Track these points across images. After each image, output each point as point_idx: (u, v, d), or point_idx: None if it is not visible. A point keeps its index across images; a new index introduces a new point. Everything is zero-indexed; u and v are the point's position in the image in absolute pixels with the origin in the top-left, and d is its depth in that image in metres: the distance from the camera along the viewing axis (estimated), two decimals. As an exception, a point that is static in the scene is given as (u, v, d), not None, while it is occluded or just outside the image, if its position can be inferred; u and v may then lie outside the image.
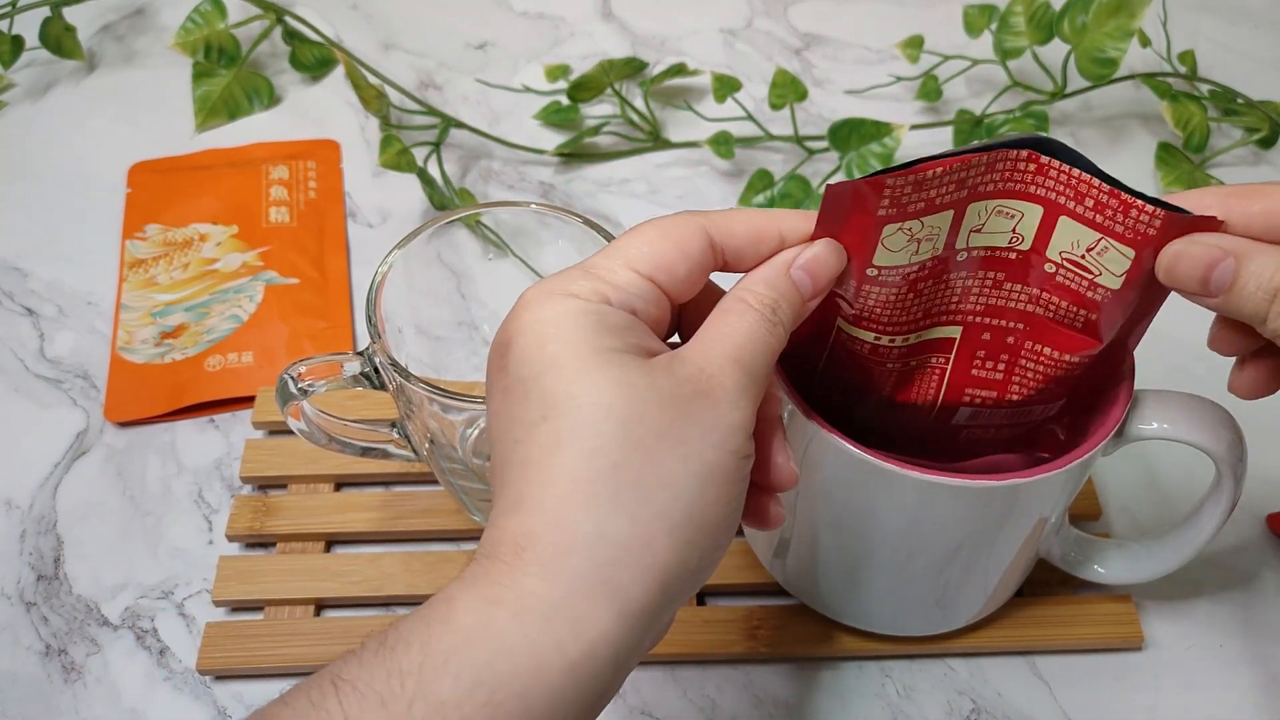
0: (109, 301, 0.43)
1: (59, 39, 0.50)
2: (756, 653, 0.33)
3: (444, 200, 0.45)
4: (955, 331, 0.26)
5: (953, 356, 0.26)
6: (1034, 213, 0.23)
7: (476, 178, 0.48)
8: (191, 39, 0.49)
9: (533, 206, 0.32)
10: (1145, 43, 0.48)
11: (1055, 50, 0.47)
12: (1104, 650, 0.33)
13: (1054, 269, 0.24)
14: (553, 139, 0.49)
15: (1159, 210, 0.21)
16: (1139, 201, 0.21)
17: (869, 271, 0.23)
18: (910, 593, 0.30)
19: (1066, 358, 0.25)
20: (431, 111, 0.47)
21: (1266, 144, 0.49)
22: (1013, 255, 0.24)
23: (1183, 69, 0.50)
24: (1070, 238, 0.23)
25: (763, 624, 0.33)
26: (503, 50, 0.54)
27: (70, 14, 0.51)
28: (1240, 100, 0.49)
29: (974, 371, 0.26)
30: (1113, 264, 0.23)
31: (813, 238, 0.23)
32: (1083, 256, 0.23)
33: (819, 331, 0.26)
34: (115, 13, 0.55)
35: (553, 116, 0.49)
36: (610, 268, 0.22)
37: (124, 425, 0.39)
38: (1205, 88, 0.50)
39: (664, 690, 0.32)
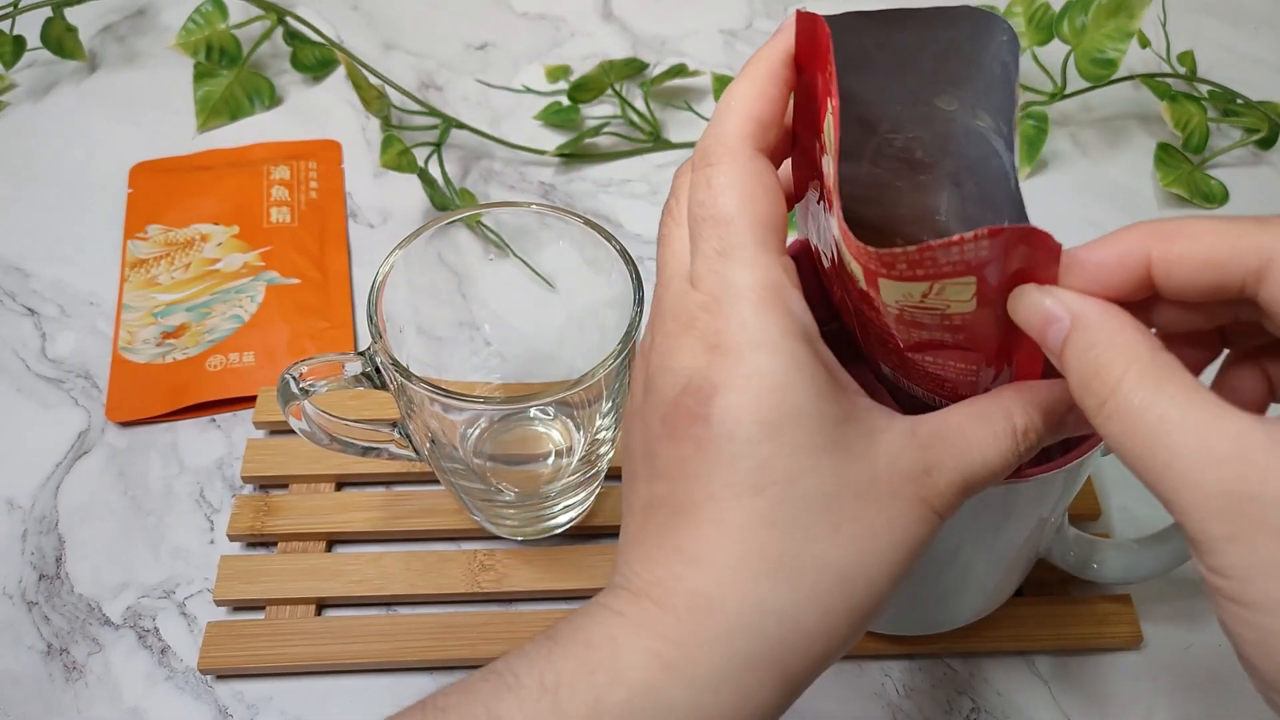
0: (110, 301, 0.43)
1: (60, 39, 0.50)
2: (757, 652, 0.33)
3: (445, 200, 0.45)
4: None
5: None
6: (855, 268, 0.20)
7: (477, 178, 0.48)
8: (193, 39, 0.49)
9: (533, 207, 0.32)
10: (1145, 43, 0.48)
11: (1055, 51, 0.47)
12: (1103, 650, 0.33)
13: (896, 310, 0.20)
14: (553, 139, 0.49)
15: (982, 232, 0.18)
16: (955, 239, 0.18)
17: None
18: (910, 592, 0.31)
19: (966, 368, 0.22)
20: (432, 112, 0.47)
21: (1266, 144, 0.49)
22: (861, 287, 0.21)
23: (1182, 70, 0.50)
24: (896, 295, 0.20)
25: (763, 623, 0.33)
26: (503, 51, 0.54)
27: (72, 14, 0.51)
28: (1239, 101, 0.49)
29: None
30: (956, 294, 0.19)
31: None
32: (920, 302, 0.20)
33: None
34: (117, 13, 0.55)
35: (553, 117, 0.49)
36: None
37: (125, 425, 0.39)
38: (1205, 88, 0.50)
39: (664, 690, 0.33)
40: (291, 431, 0.37)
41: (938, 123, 0.22)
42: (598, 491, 0.35)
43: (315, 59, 0.51)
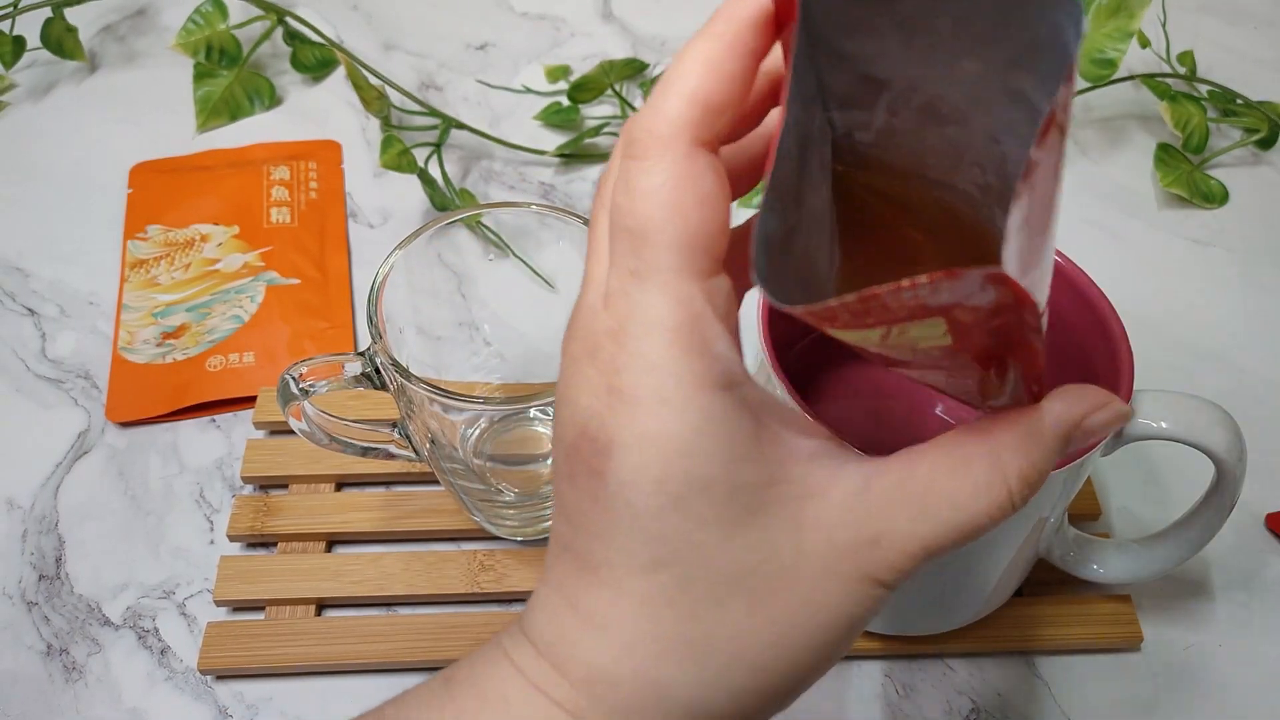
0: (110, 302, 0.43)
1: (60, 39, 0.50)
2: (757, 652, 0.33)
3: (445, 201, 0.45)
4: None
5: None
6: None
7: (477, 178, 0.48)
8: (193, 40, 0.49)
9: (533, 207, 0.32)
10: (1144, 43, 0.48)
11: (1055, 51, 0.47)
12: (1103, 650, 0.33)
13: (861, 347, 0.17)
14: (553, 140, 0.49)
15: (939, 275, 0.14)
16: (906, 283, 0.14)
17: None
18: (910, 592, 0.30)
19: (964, 382, 0.19)
20: (432, 112, 0.47)
21: (1266, 145, 0.49)
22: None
23: (1182, 69, 0.50)
24: (850, 338, 0.17)
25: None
26: (503, 51, 0.54)
27: (71, 15, 0.51)
28: (1239, 101, 0.49)
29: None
30: (925, 333, 0.16)
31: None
32: (882, 343, 0.17)
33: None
34: (116, 13, 0.55)
35: (553, 117, 0.49)
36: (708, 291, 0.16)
37: (125, 425, 0.39)
38: (1204, 88, 0.50)
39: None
40: (291, 432, 0.37)
41: (964, 84, 0.18)
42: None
43: (315, 59, 0.51)
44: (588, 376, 0.17)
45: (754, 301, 0.28)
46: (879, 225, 0.20)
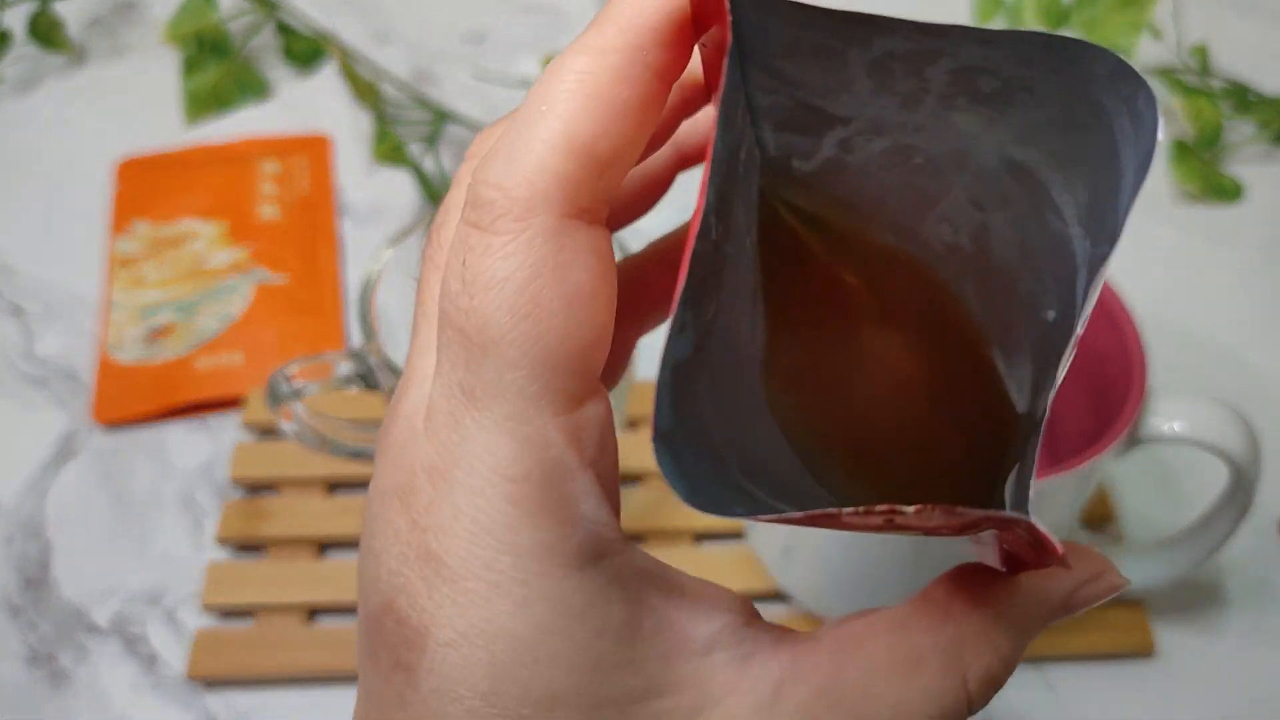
0: (97, 300, 0.42)
1: (47, 32, 0.50)
2: (759, 660, 0.32)
3: (439, 195, 0.44)
4: None
5: None
6: None
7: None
8: (182, 31, 0.48)
9: (529, 203, 0.32)
10: (1157, 36, 0.47)
11: (1063, 43, 0.46)
12: (1114, 658, 0.33)
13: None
14: (551, 133, 0.48)
15: (929, 508, 0.12)
16: (884, 509, 0.11)
17: None
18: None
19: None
20: (426, 105, 0.46)
21: None
22: None
23: (1194, 63, 0.49)
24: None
25: (765, 631, 0.32)
26: (500, 42, 0.53)
27: (59, 7, 0.50)
28: (1253, 95, 0.48)
29: None
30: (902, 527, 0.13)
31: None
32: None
33: None
34: (104, 6, 0.54)
35: (551, 110, 0.48)
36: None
37: (112, 426, 0.38)
38: (1218, 82, 0.49)
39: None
40: (281, 434, 0.36)
41: (949, 140, 0.15)
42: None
43: (306, 51, 0.50)
44: (397, 528, 0.12)
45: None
46: (804, 258, 0.16)
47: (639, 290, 0.16)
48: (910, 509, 0.11)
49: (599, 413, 0.12)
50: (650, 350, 0.25)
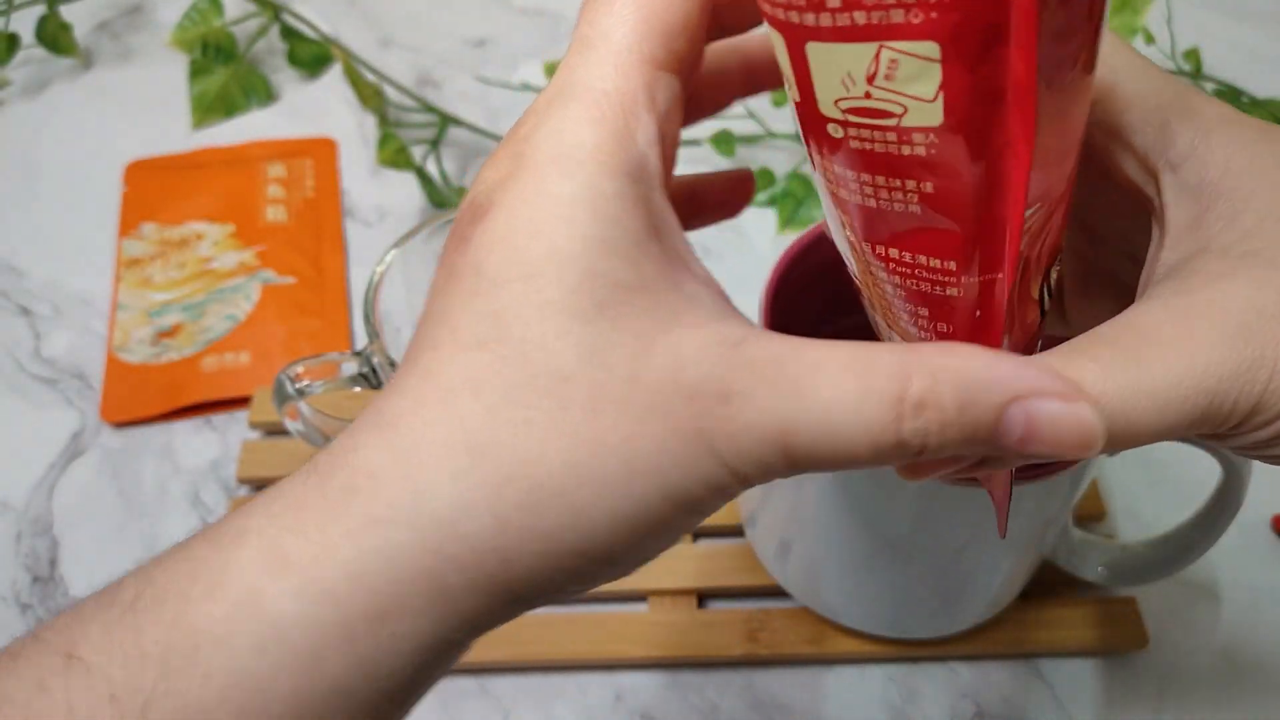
0: (105, 301, 0.42)
1: (55, 36, 0.50)
2: (757, 656, 0.32)
3: (442, 198, 0.45)
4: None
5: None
6: (779, 46, 0.14)
7: (475, 175, 0.47)
8: (188, 36, 0.49)
9: (532, 205, 0.32)
10: (1150, 40, 0.48)
11: (1059, 47, 0.46)
12: (1108, 653, 0.33)
13: (840, 130, 0.15)
14: (552, 137, 0.48)
15: None
16: None
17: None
18: (913, 595, 0.30)
19: (942, 268, 0.16)
20: (430, 109, 0.47)
21: (1271, 142, 0.49)
22: (799, 119, 0.16)
23: (1188, 67, 0.50)
24: (835, 73, 0.14)
25: (764, 626, 0.33)
26: (502, 47, 0.53)
27: (66, 11, 0.50)
28: (1245, 98, 0.49)
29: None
30: (915, 84, 0.13)
31: None
32: (867, 96, 0.14)
33: None
34: (112, 10, 0.55)
35: (552, 114, 0.49)
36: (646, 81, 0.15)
37: (120, 426, 0.39)
38: (1211, 86, 0.49)
39: (664, 694, 0.32)
40: (287, 433, 0.37)
41: None
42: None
43: (311, 56, 0.51)
44: (500, 153, 0.15)
45: (761, 303, 0.27)
46: None
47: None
48: None
49: (670, 84, 0.16)
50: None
